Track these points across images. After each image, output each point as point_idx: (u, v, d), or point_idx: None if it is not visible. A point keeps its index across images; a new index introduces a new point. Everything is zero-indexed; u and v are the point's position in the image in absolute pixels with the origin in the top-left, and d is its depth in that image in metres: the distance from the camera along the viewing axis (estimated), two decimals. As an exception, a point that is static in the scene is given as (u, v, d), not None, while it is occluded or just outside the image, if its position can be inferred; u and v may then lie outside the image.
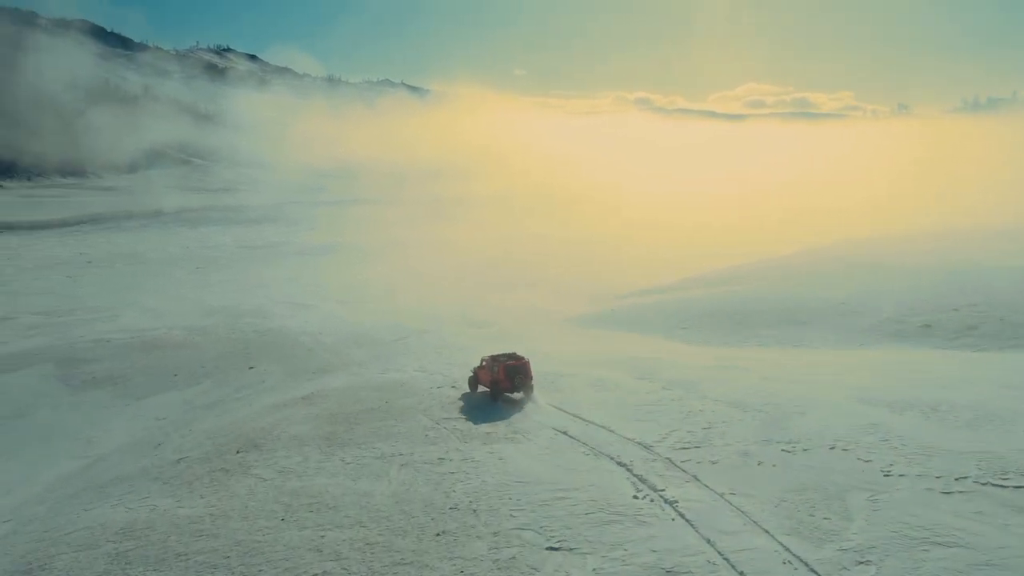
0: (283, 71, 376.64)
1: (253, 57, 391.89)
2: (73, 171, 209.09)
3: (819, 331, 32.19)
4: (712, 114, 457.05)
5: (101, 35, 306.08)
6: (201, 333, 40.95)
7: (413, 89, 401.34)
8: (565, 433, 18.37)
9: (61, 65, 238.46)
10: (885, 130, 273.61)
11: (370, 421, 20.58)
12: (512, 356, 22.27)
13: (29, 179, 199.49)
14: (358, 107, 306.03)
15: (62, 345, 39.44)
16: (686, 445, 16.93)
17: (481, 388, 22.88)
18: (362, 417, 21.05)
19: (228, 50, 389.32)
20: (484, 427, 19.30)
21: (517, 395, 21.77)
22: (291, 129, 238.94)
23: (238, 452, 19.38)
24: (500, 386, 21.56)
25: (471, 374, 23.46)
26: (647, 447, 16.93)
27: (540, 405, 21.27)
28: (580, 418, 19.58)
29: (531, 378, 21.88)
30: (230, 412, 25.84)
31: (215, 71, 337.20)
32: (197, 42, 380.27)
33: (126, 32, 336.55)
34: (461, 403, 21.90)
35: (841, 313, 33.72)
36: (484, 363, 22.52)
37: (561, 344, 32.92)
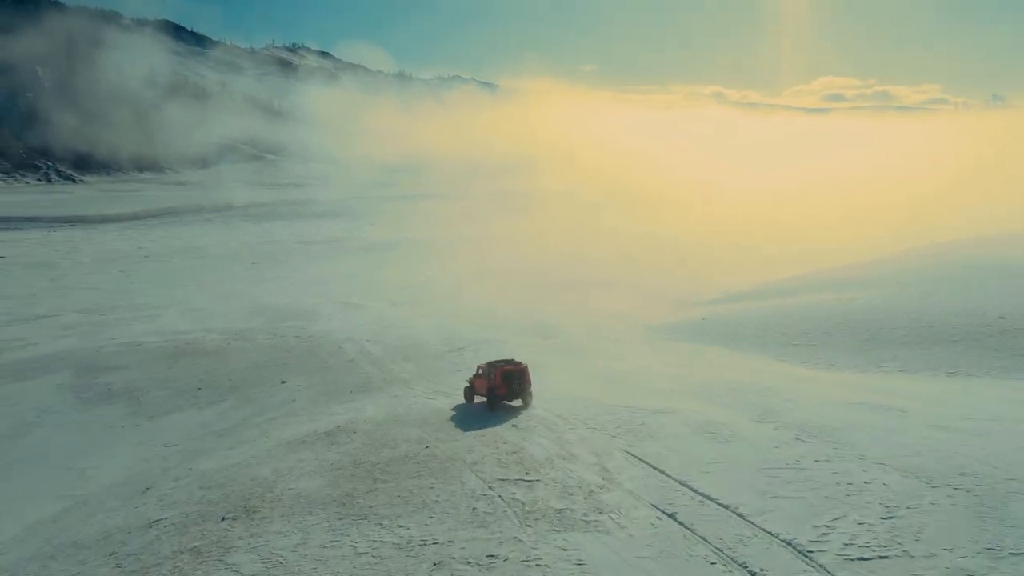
0: (354, 67, 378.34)
1: (325, 54, 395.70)
2: (149, 166, 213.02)
3: (975, 354, 25.56)
4: (788, 108, 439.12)
5: (178, 33, 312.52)
6: (239, 338, 36.71)
7: (483, 84, 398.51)
8: (672, 517, 12.74)
9: (140, 62, 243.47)
10: (980, 122, 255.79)
11: (401, 478, 15.38)
12: (510, 362, 21.16)
13: (108, 173, 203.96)
14: (428, 102, 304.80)
15: (89, 349, 35.73)
16: (865, 551, 11.08)
17: (478, 399, 21.40)
18: (392, 470, 15.87)
19: (301, 47, 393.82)
20: (554, 498, 13.83)
21: (516, 402, 20.50)
22: (361, 125, 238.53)
23: (223, 519, 14.45)
24: (497, 393, 20.35)
25: (467, 384, 22.09)
26: (804, 553, 11.16)
27: (621, 458, 15.73)
28: (690, 489, 13.90)
29: (530, 384, 20.69)
30: (242, 445, 21.09)
31: (288, 68, 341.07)
32: (273, 40, 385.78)
33: (203, 30, 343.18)
34: (519, 454, 16.50)
35: (1001, 331, 26.95)
36: (480, 371, 21.29)
37: (646, 362, 27.21)
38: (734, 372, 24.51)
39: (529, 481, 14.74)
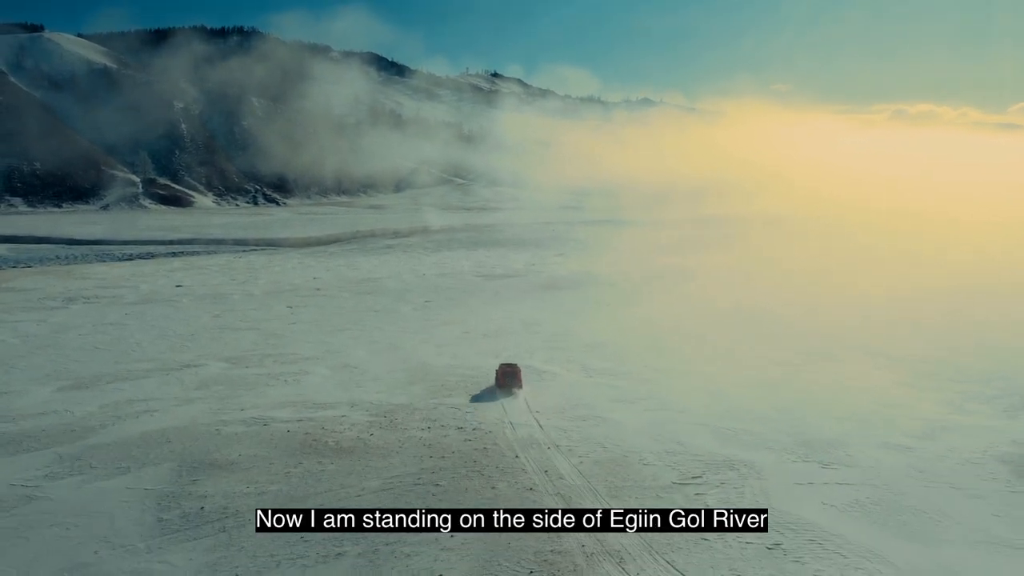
0: (546, 93, 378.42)
1: (519, 81, 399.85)
2: (346, 189, 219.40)
3: None
4: (1015, 127, 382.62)
5: (380, 63, 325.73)
6: (387, 425, 27.74)
7: (673, 107, 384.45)
8: None
9: (344, 92, 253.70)
10: None
11: None
12: (512, 366, 32.33)
13: (308, 196, 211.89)
14: (618, 125, 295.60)
15: (208, 426, 28.14)
16: None
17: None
18: None
19: (495, 75, 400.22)
20: None
21: (515, 389, 30.76)
22: (550, 149, 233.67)
23: None
24: (501, 382, 31.42)
25: (495, 372, 32.38)
26: None
27: None
28: None
29: (520, 380, 31.51)
30: None
31: (481, 94, 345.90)
32: (467, 68, 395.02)
33: (404, 60, 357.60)
34: None
35: None
36: (499, 369, 32.18)
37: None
38: None
39: None
